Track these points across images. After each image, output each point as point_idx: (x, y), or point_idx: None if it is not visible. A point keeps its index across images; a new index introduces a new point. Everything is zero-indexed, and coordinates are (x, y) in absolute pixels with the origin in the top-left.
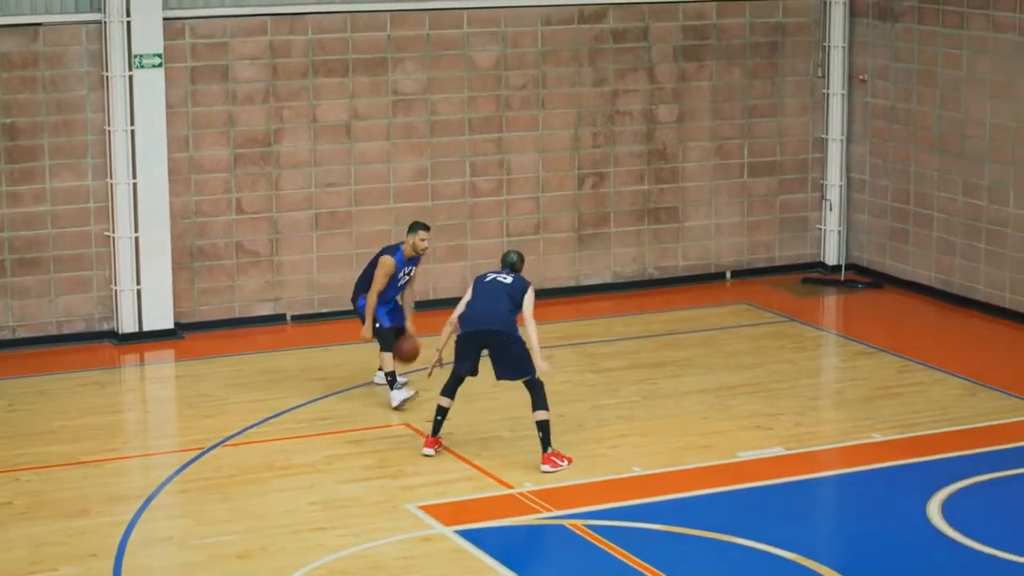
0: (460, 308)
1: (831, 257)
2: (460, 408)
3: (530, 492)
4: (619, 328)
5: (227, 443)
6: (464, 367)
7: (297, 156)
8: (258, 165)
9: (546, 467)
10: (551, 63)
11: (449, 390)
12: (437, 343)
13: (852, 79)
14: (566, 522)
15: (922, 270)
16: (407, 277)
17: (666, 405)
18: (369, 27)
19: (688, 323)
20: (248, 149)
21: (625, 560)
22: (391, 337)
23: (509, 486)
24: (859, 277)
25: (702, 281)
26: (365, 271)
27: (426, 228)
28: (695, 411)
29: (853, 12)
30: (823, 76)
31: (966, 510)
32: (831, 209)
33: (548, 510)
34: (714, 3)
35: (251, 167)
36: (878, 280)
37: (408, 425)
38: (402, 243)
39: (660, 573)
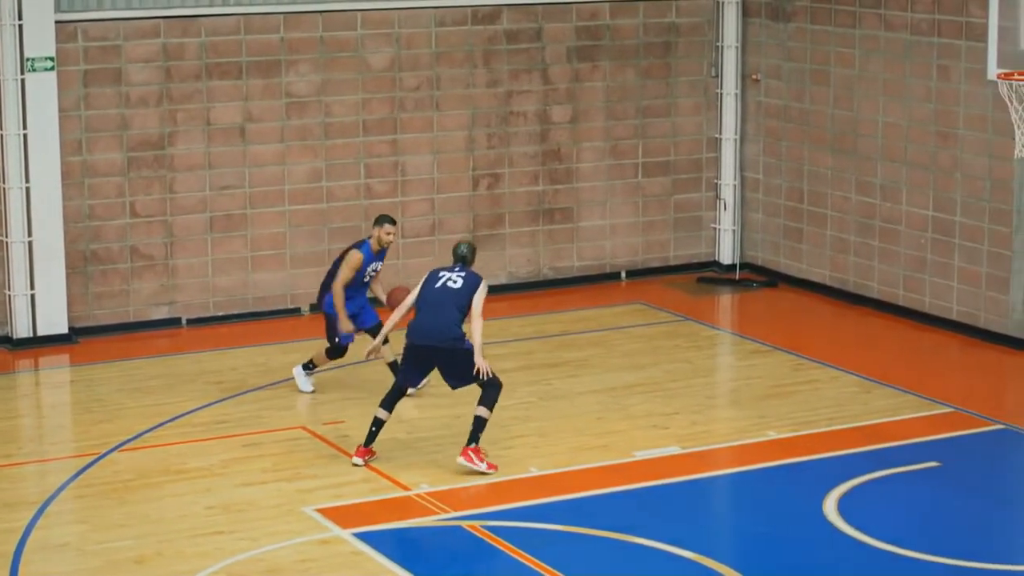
0: (409, 300)
1: (726, 256)
2: (356, 411)
3: (427, 494)
4: (514, 329)
5: (123, 448)
6: (409, 380)
7: (191, 159)
8: (152, 168)
9: (462, 460)
10: (445, 64)
11: (388, 402)
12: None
13: (745, 79)
14: (463, 523)
15: (816, 268)
16: (373, 273)
17: (562, 405)
18: (262, 29)
19: (583, 323)
20: (142, 152)
21: (523, 560)
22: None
23: (406, 488)
24: (754, 276)
25: (597, 281)
26: (331, 270)
27: (392, 221)
28: (591, 411)
29: (746, 12)
30: (716, 76)
31: (862, 507)
32: (725, 208)
33: (445, 511)
34: (607, 4)
35: (145, 170)
36: (772, 279)
37: (304, 428)
38: (369, 238)
39: (557, 573)
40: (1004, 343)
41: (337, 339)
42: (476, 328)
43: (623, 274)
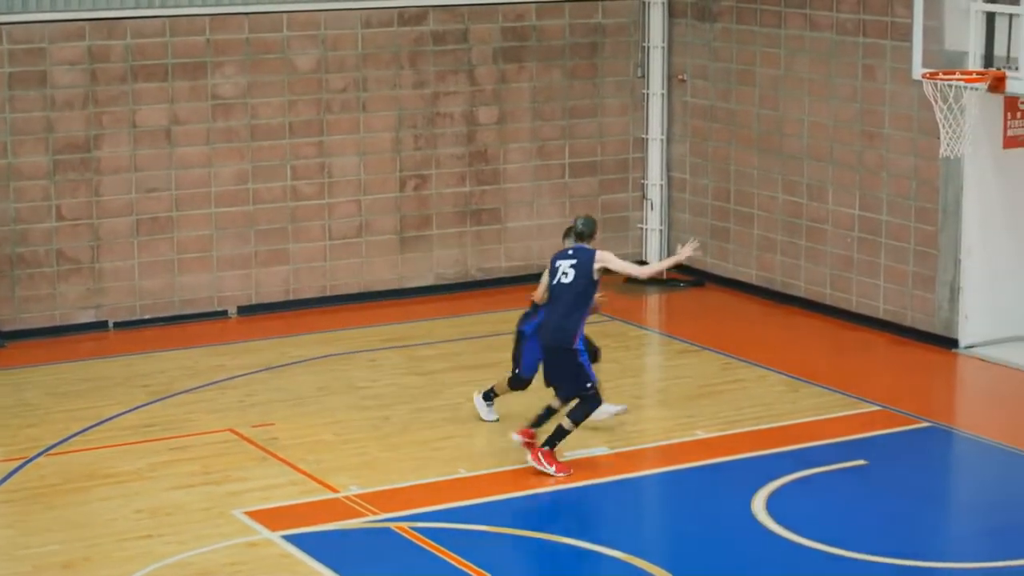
0: (540, 292)
1: (653, 256)
2: (285, 413)
3: (356, 496)
4: (442, 330)
5: (50, 452)
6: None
7: (117, 162)
8: (78, 171)
9: (531, 459)
10: (371, 66)
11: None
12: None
13: (671, 79)
14: (393, 525)
15: (743, 268)
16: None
17: None
18: (188, 31)
19: (511, 324)
20: (68, 155)
21: (452, 562)
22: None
23: (335, 490)
24: (681, 276)
25: (525, 282)
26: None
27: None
28: (519, 412)
29: (672, 13)
30: (643, 76)
31: (790, 505)
32: (652, 208)
33: (374, 513)
34: (534, 5)
35: (71, 173)
36: (700, 278)
37: (233, 431)
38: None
39: (486, 574)
40: (930, 341)
41: (517, 370)
42: (646, 270)
43: None
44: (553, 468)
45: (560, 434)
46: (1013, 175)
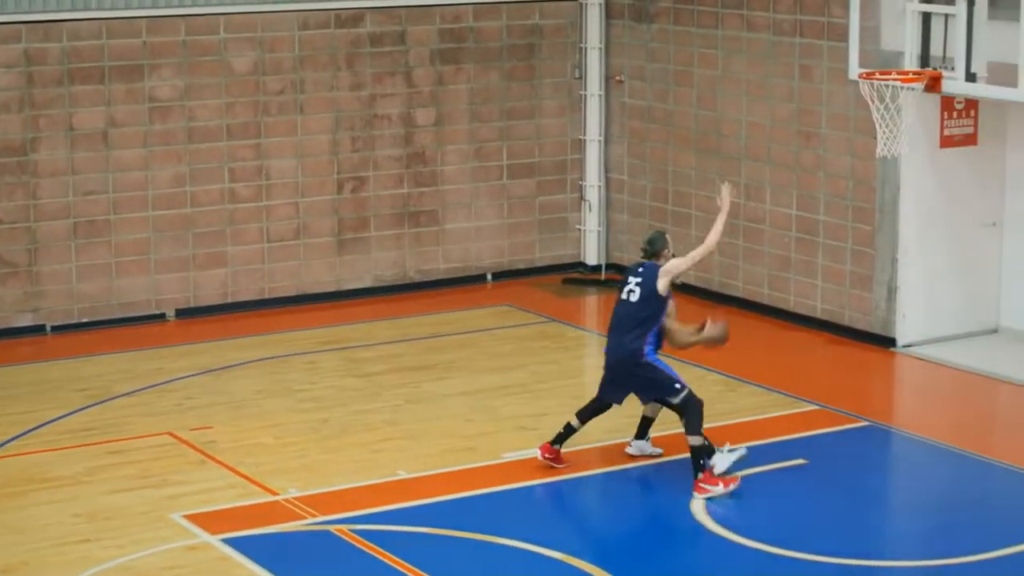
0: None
1: (591, 257)
2: (224, 416)
3: (295, 498)
4: (381, 332)
5: None
6: (607, 395)
7: (54, 165)
8: (15, 174)
9: (698, 495)
10: (309, 68)
11: (584, 413)
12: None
13: (609, 80)
14: (332, 527)
15: None
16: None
17: (430, 408)
18: (125, 34)
19: (450, 326)
20: (4, 159)
21: (392, 564)
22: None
23: (274, 493)
24: (619, 276)
25: (463, 284)
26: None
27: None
28: (459, 413)
29: (609, 14)
30: (580, 78)
31: (728, 505)
32: (590, 209)
33: (314, 516)
34: (471, 6)
35: (7, 176)
36: None
37: (171, 434)
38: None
39: None
40: (868, 340)
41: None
42: (711, 238)
43: (489, 276)
44: (721, 486)
45: (698, 453)
46: (949, 174)
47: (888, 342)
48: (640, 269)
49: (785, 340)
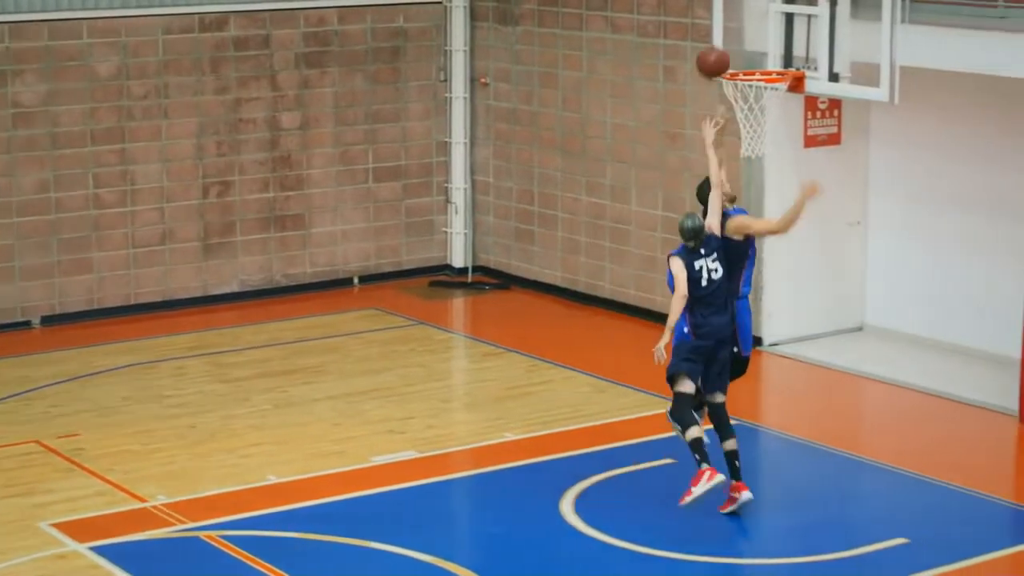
0: (678, 304)
1: (458, 260)
2: (91, 423)
3: (164, 505)
4: (248, 337)
5: None
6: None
7: None
8: None
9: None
10: (173, 72)
11: (699, 416)
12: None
13: (474, 82)
14: (202, 534)
15: (548, 270)
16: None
17: (298, 412)
18: None
19: (317, 330)
20: None
21: (262, 570)
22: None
23: (143, 500)
24: (486, 279)
25: (330, 287)
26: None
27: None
28: (327, 418)
29: (474, 16)
30: (445, 80)
31: (598, 505)
32: (457, 212)
33: (183, 522)
34: (335, 9)
35: None
36: (505, 281)
37: (38, 442)
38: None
39: None
40: None
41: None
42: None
43: (356, 280)
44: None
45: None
46: (814, 174)
47: (755, 341)
48: (704, 252)
49: (652, 340)
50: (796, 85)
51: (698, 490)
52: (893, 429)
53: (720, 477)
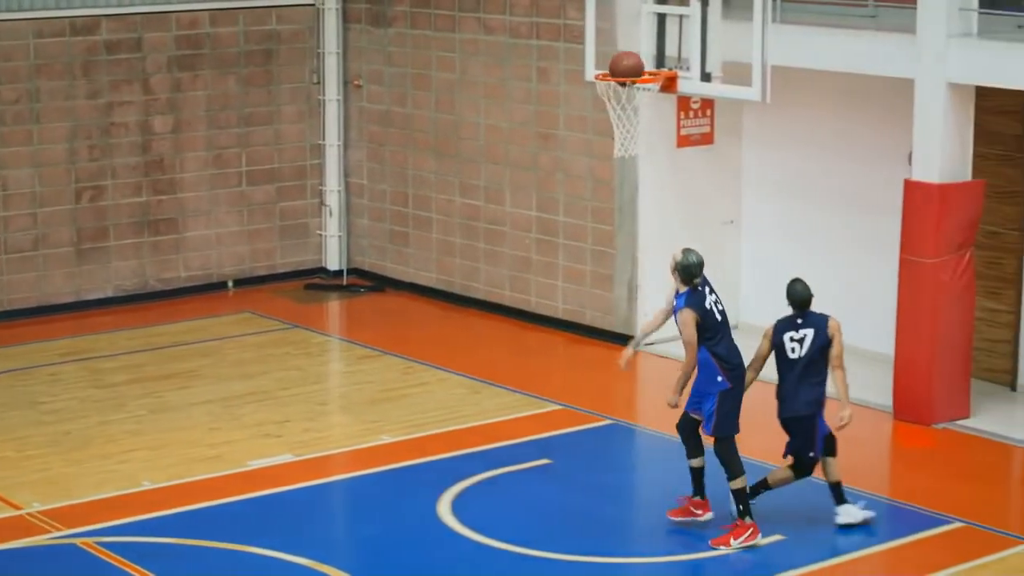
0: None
1: (333, 262)
2: None
3: (39, 512)
4: (123, 342)
5: None
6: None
7: None
8: None
9: (734, 542)
10: (44, 76)
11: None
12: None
13: (347, 85)
14: (78, 540)
15: (423, 272)
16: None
17: (174, 417)
18: None
19: (192, 334)
20: None
21: None
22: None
23: (17, 507)
24: (361, 281)
25: (205, 291)
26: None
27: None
28: (203, 422)
29: (346, 19)
30: (318, 83)
31: (475, 506)
32: (331, 215)
33: (59, 529)
34: (207, 12)
35: None
36: (380, 283)
37: None
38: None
39: None
40: (610, 339)
41: (812, 453)
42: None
43: (230, 283)
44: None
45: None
46: (687, 173)
47: (629, 340)
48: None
49: (527, 341)
50: (669, 85)
51: (737, 544)
52: (771, 427)
53: (759, 537)
